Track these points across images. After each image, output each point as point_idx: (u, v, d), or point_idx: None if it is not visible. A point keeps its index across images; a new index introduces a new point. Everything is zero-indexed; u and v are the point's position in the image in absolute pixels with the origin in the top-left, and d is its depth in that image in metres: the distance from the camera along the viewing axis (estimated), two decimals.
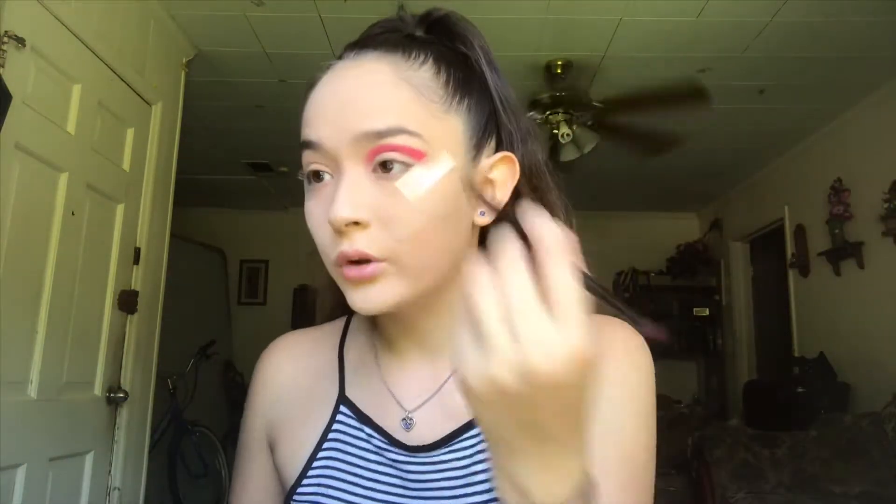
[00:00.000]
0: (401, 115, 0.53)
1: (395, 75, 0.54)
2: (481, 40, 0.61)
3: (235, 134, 4.23)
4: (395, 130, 0.52)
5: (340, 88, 0.55)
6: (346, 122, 0.53)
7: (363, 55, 0.57)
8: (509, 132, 0.60)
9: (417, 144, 0.52)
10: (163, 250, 2.78)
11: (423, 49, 0.57)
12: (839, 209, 3.79)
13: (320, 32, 2.89)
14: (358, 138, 0.52)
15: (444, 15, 0.61)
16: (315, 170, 0.55)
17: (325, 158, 0.54)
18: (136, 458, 2.55)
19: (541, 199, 0.61)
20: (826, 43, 2.98)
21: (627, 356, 0.60)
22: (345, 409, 0.64)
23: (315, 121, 0.55)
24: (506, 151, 0.59)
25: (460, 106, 0.56)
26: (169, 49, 2.83)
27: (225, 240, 5.79)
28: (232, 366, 5.41)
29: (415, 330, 0.62)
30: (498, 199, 0.58)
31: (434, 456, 0.58)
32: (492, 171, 0.58)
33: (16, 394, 1.89)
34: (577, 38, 3.01)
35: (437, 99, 0.55)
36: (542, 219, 0.40)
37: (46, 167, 2.00)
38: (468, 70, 0.59)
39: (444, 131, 0.55)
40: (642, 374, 0.60)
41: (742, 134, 4.13)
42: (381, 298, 0.54)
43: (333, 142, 0.53)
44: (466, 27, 0.61)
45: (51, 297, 2.02)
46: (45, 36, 1.96)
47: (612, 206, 5.70)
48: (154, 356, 2.71)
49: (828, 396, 3.64)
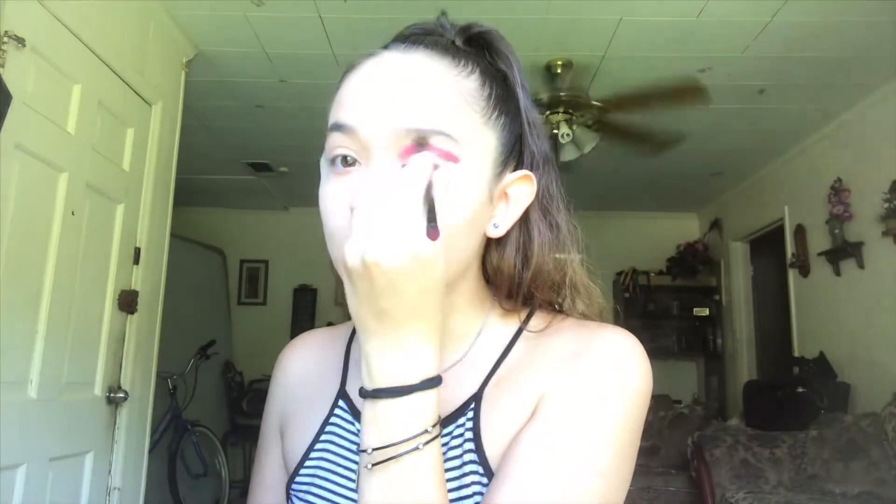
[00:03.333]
0: (445, 117, 0.53)
1: (446, 79, 0.55)
2: (518, 62, 0.62)
3: (235, 134, 4.22)
4: (437, 132, 0.52)
5: (387, 78, 0.55)
6: (388, 112, 0.53)
7: (413, 50, 0.57)
8: (532, 153, 0.61)
9: (454, 149, 0.53)
10: (163, 250, 2.78)
11: (471, 60, 0.58)
12: (839, 209, 3.79)
13: (320, 32, 2.89)
14: (398, 131, 0.52)
15: (487, 31, 0.62)
16: (343, 154, 0.54)
17: (356, 144, 0.54)
18: (136, 458, 2.55)
19: (549, 221, 0.63)
20: (826, 43, 2.98)
21: (602, 358, 0.56)
22: (342, 403, 0.65)
23: (353, 105, 0.54)
24: (526, 171, 0.60)
25: (497, 121, 0.57)
26: (169, 49, 2.83)
27: (225, 240, 5.79)
28: (232, 366, 5.41)
29: None
30: (511, 214, 0.60)
31: None
32: (511, 187, 0.59)
33: (16, 394, 1.89)
34: (577, 38, 3.01)
35: (478, 110, 0.56)
36: (420, 157, 0.50)
37: (46, 167, 2.00)
38: (507, 89, 0.60)
39: (480, 142, 0.56)
40: (624, 383, 0.55)
41: (742, 134, 4.13)
42: None
43: (371, 129, 0.53)
44: (508, 47, 0.62)
45: (51, 297, 2.02)
46: (45, 36, 1.96)
47: (612, 206, 5.71)
48: (154, 356, 2.71)
49: (828, 396, 3.64)
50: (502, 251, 0.61)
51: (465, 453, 0.56)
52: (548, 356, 0.58)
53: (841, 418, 3.29)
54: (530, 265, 0.61)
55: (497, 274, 0.62)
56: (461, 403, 0.58)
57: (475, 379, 0.60)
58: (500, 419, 0.56)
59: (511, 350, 0.61)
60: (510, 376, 0.59)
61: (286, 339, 3.70)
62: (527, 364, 0.59)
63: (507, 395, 0.57)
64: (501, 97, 0.58)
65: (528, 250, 0.61)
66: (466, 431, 0.56)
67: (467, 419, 0.57)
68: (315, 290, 5.94)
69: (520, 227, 0.61)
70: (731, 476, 3.20)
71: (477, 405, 0.58)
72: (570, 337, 0.59)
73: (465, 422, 0.57)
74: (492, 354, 0.61)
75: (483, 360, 0.61)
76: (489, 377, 0.60)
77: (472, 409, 0.57)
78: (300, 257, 5.62)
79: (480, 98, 0.56)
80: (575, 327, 0.61)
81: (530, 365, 0.58)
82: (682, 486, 3.60)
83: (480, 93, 0.56)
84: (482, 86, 0.57)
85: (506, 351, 0.61)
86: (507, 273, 0.61)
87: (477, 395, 0.58)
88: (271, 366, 0.77)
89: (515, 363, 0.60)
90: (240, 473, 5.24)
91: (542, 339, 0.61)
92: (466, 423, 0.57)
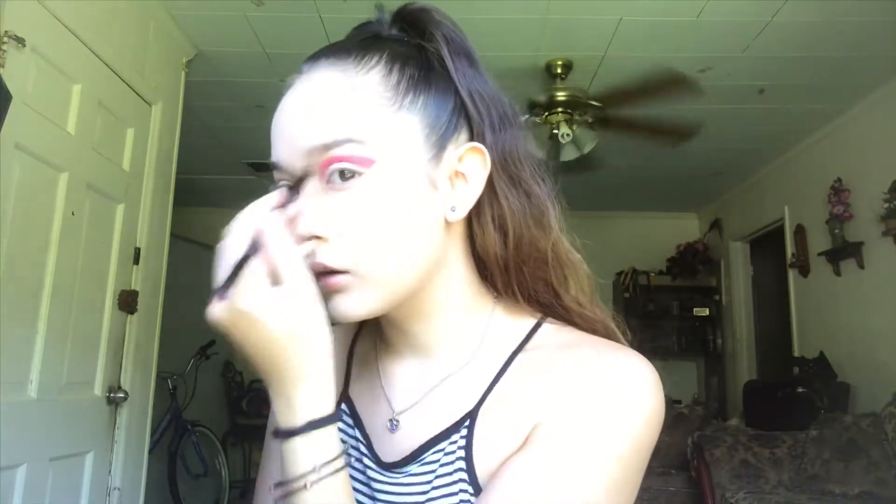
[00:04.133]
0: (345, 124, 0.53)
1: (342, 83, 0.54)
2: (449, 30, 0.59)
3: (235, 134, 4.22)
4: (341, 141, 0.52)
5: (290, 105, 0.56)
6: (296, 138, 0.54)
7: (315, 66, 0.56)
8: (478, 123, 0.58)
9: (365, 152, 0.52)
10: (163, 250, 2.78)
11: (377, 50, 0.56)
12: (839, 209, 3.79)
13: (320, 32, 2.89)
14: (309, 153, 0.53)
15: (414, 9, 0.60)
16: (284, 186, 0.56)
17: (287, 176, 0.55)
18: (136, 458, 2.55)
19: (520, 190, 0.59)
20: (826, 43, 2.98)
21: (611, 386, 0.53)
22: (344, 407, 0.65)
23: (275, 141, 0.56)
24: (473, 142, 0.58)
25: (413, 104, 0.55)
26: (169, 49, 2.83)
27: None
28: (232, 366, 5.41)
29: (406, 331, 0.62)
30: (469, 192, 0.57)
31: (403, 471, 0.58)
32: (460, 164, 0.57)
33: (16, 394, 1.89)
34: (577, 38, 3.01)
35: (385, 102, 0.54)
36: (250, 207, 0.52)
37: (46, 167, 2.00)
38: (426, 65, 0.57)
39: (395, 134, 0.54)
40: (628, 419, 0.52)
41: (742, 134, 4.13)
42: (350, 309, 0.54)
43: (290, 160, 0.54)
44: (432, 18, 0.59)
45: (51, 297, 2.02)
46: (45, 36, 1.96)
47: (612, 206, 5.71)
48: (154, 356, 2.71)
49: (828, 396, 3.64)
50: (482, 230, 0.59)
51: (457, 471, 0.55)
52: (550, 377, 0.55)
53: (841, 418, 3.29)
54: (509, 237, 0.59)
55: (484, 255, 0.60)
56: (457, 419, 0.57)
57: (474, 391, 0.58)
58: (493, 440, 0.55)
59: (512, 363, 0.59)
60: (509, 394, 0.57)
61: None
62: (528, 384, 0.56)
63: (502, 416, 0.56)
64: (417, 77, 0.56)
65: (503, 223, 0.58)
66: (459, 449, 0.56)
67: (461, 437, 0.56)
68: None
69: (490, 201, 0.59)
70: (731, 476, 3.20)
71: (472, 423, 0.56)
72: (579, 359, 0.56)
73: (459, 439, 0.56)
74: (494, 364, 0.59)
75: (485, 369, 0.59)
76: (487, 392, 0.58)
77: (465, 427, 0.56)
78: None
79: (386, 88, 0.54)
80: (587, 347, 0.57)
81: (532, 385, 0.56)
82: (682, 486, 3.60)
83: (385, 83, 0.55)
84: (387, 74, 0.55)
85: (508, 362, 0.59)
86: (492, 252, 0.59)
87: (472, 413, 0.57)
88: None
89: (516, 380, 0.57)
90: (240, 473, 5.24)
91: (550, 353, 0.58)
92: (459, 440, 0.56)
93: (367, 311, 0.54)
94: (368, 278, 0.53)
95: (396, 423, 0.61)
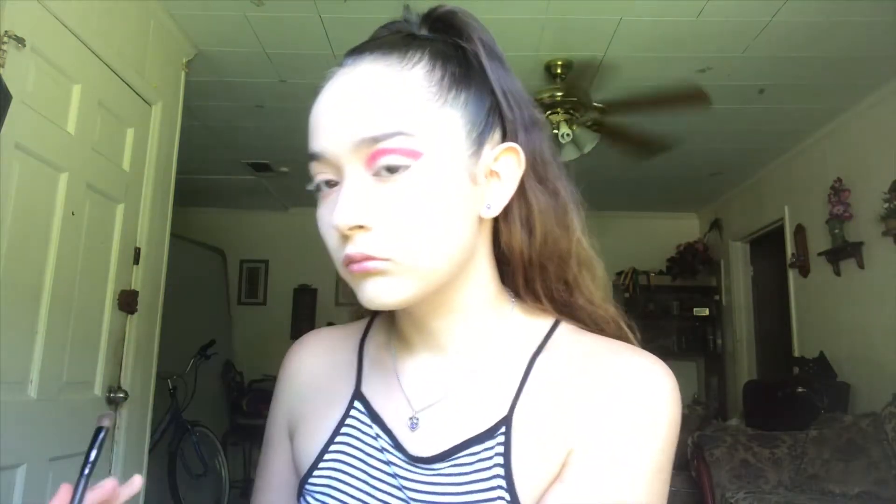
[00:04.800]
0: (395, 117, 0.54)
1: (390, 77, 0.55)
2: (482, 33, 0.61)
3: (235, 134, 4.23)
4: (391, 133, 0.53)
5: (337, 97, 0.56)
6: (343, 130, 0.54)
7: (360, 60, 0.57)
8: (511, 122, 0.60)
9: (414, 144, 0.53)
10: (163, 250, 2.78)
11: (419, 47, 0.58)
12: (839, 209, 3.79)
13: (320, 32, 2.89)
14: (357, 145, 0.53)
15: (446, 11, 0.62)
16: (323, 179, 0.57)
17: (329, 167, 0.56)
18: (136, 458, 2.55)
19: (547, 189, 0.62)
20: (826, 43, 2.98)
21: (643, 400, 0.55)
22: (359, 404, 0.65)
23: (316, 132, 0.56)
24: (509, 142, 0.59)
25: (456, 101, 0.57)
26: (169, 49, 2.83)
27: (225, 240, 5.79)
28: (232, 366, 5.41)
29: (427, 329, 0.62)
30: (503, 190, 0.59)
31: (434, 469, 0.58)
32: (496, 163, 0.59)
33: (16, 394, 1.89)
34: (577, 38, 3.01)
35: (430, 97, 0.55)
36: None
37: (46, 167, 2.00)
38: (466, 64, 0.59)
39: (441, 128, 0.55)
40: (657, 421, 0.55)
41: (742, 134, 4.13)
42: (384, 294, 0.55)
43: (335, 151, 0.55)
44: (466, 21, 0.61)
45: (51, 297, 2.02)
46: (45, 36, 1.96)
47: (612, 206, 5.70)
48: (154, 356, 2.71)
49: (828, 396, 3.64)
50: (508, 228, 0.61)
51: (494, 478, 0.55)
52: (580, 384, 0.57)
53: (841, 418, 3.29)
54: (535, 235, 0.61)
55: (509, 253, 0.62)
56: (491, 424, 0.58)
57: (501, 395, 0.59)
58: (532, 453, 0.56)
59: (536, 362, 0.60)
60: (542, 402, 0.58)
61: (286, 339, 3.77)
62: (558, 390, 0.58)
63: (538, 428, 0.57)
64: (458, 74, 0.58)
65: (531, 221, 0.61)
66: (497, 456, 0.56)
67: (497, 443, 0.57)
68: (315, 290, 5.94)
69: (518, 200, 0.61)
70: (731, 476, 3.20)
71: (507, 430, 0.57)
72: (605, 365, 0.58)
73: (496, 446, 0.56)
74: (517, 367, 0.60)
75: (508, 372, 0.60)
76: (517, 397, 0.59)
77: (502, 434, 0.57)
78: (300, 257, 5.61)
79: (431, 84, 0.56)
80: (608, 351, 0.59)
81: (562, 392, 0.58)
82: (682, 486, 3.60)
83: (430, 78, 0.56)
84: (431, 70, 0.56)
85: (531, 363, 0.60)
86: (518, 249, 0.61)
87: (507, 419, 0.58)
88: (271, 366, 0.77)
89: (544, 385, 0.59)
90: (240, 473, 5.24)
91: (572, 356, 0.60)
92: (497, 447, 0.56)
93: (401, 298, 0.55)
94: (407, 267, 0.54)
95: (417, 421, 0.61)
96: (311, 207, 0.58)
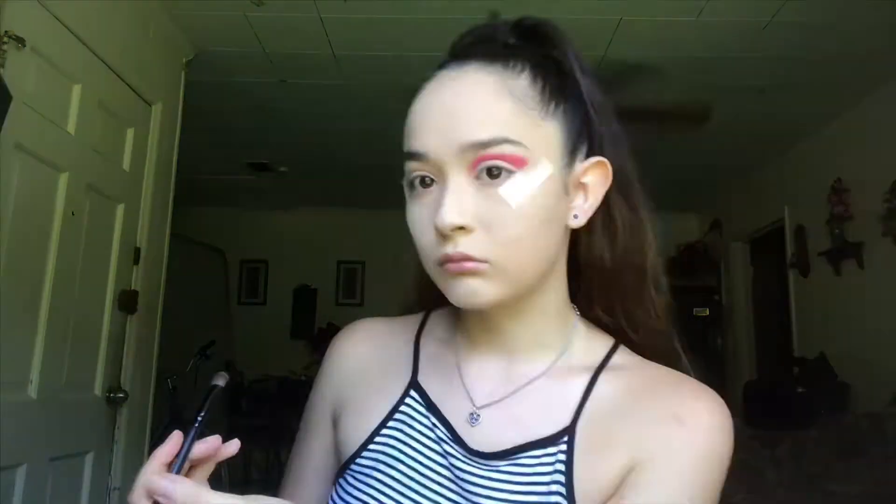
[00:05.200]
0: (503, 125, 0.55)
1: (497, 85, 0.56)
2: (573, 47, 0.63)
3: (235, 134, 4.23)
4: (499, 140, 0.54)
5: (445, 99, 0.57)
6: (451, 132, 0.55)
7: (466, 66, 0.58)
8: (601, 136, 0.62)
9: (519, 152, 0.55)
10: (163, 250, 2.78)
11: (521, 58, 0.59)
12: (839, 209, 3.79)
13: (320, 32, 2.89)
14: (463, 148, 0.55)
15: (538, 23, 0.63)
16: (420, 176, 0.57)
17: (429, 167, 0.57)
18: (136, 458, 2.55)
19: (629, 205, 0.63)
20: (826, 43, 2.98)
21: (707, 430, 0.57)
22: (414, 393, 0.65)
23: (420, 131, 0.57)
24: (599, 156, 0.60)
25: (556, 112, 0.58)
26: (169, 49, 2.83)
27: (225, 240, 5.79)
28: (232, 366, 5.40)
29: (498, 330, 0.63)
30: (590, 202, 0.60)
31: (492, 465, 0.58)
32: (585, 176, 0.60)
33: (16, 394, 1.89)
34: (577, 38, 2.98)
35: (535, 106, 0.57)
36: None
37: (46, 167, 2.00)
38: (562, 76, 0.61)
39: (543, 138, 0.57)
40: (715, 455, 0.57)
41: (742, 134, 4.13)
42: (482, 294, 0.56)
43: (439, 152, 0.56)
44: (559, 34, 0.63)
45: (51, 297, 2.02)
46: (45, 36, 1.96)
47: None
48: (154, 356, 2.71)
49: (828, 396, 3.64)
50: (590, 239, 0.63)
51: (554, 483, 0.56)
52: (644, 408, 0.58)
53: (841, 418, 3.29)
54: (616, 247, 0.62)
55: (588, 265, 0.63)
56: (553, 432, 0.59)
57: (564, 404, 0.60)
58: (596, 469, 0.56)
59: (600, 379, 0.61)
60: (607, 420, 0.59)
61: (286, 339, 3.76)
62: (623, 410, 0.59)
63: (603, 444, 0.57)
64: (557, 86, 0.59)
65: (613, 234, 0.62)
66: (558, 463, 0.57)
67: (560, 451, 0.57)
68: (315, 290, 5.93)
69: (602, 213, 0.62)
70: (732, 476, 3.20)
71: (570, 440, 0.58)
72: (669, 394, 0.59)
73: (558, 453, 0.57)
74: (580, 380, 0.61)
75: (569, 382, 0.61)
76: (580, 409, 0.59)
77: (564, 443, 0.58)
78: (300, 257, 5.62)
79: (535, 94, 0.57)
80: (671, 381, 0.61)
81: (627, 413, 0.58)
82: None
83: (533, 88, 0.57)
84: (534, 81, 0.58)
85: (594, 378, 0.61)
86: (597, 259, 0.62)
87: (570, 430, 0.58)
88: (271, 366, 0.76)
89: (610, 402, 0.59)
90: (240, 473, 5.24)
91: (634, 378, 0.61)
92: (559, 454, 0.57)
93: (494, 299, 0.56)
94: (506, 270, 0.55)
95: (478, 417, 0.62)
96: (312, 207, 0.59)
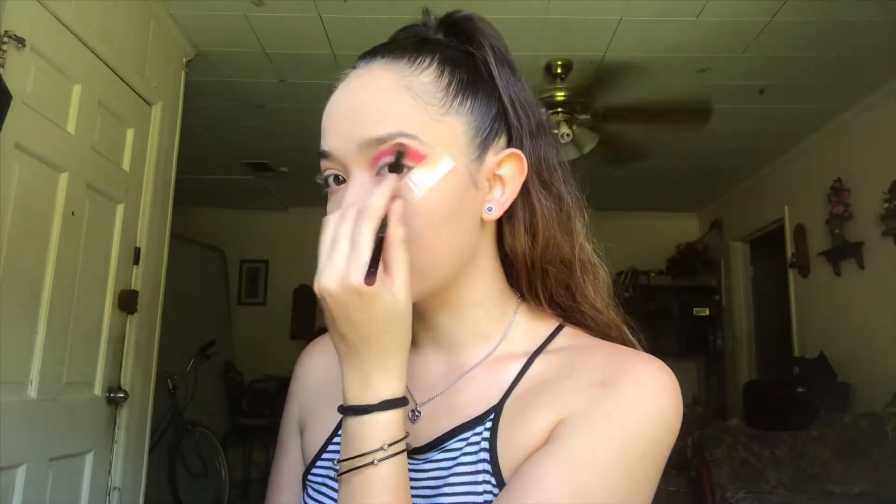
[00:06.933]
0: (399, 120, 0.55)
1: (397, 82, 0.57)
2: (495, 39, 0.63)
3: (235, 134, 4.22)
4: (394, 135, 0.55)
5: (346, 99, 0.58)
6: (350, 130, 0.56)
7: (371, 64, 0.60)
8: (517, 129, 0.62)
9: (418, 147, 0.55)
10: (163, 250, 2.78)
11: (429, 53, 0.60)
12: (839, 209, 3.79)
13: (320, 32, 2.89)
14: (362, 145, 0.56)
15: (462, 17, 0.64)
16: (332, 174, 0.59)
17: (337, 165, 0.58)
18: (136, 458, 2.55)
19: (551, 194, 0.63)
20: (826, 43, 2.98)
21: (634, 388, 0.55)
22: None
23: (326, 131, 0.59)
24: (513, 148, 0.61)
25: (461, 107, 0.58)
26: (169, 49, 2.83)
27: (225, 240, 5.79)
28: (232, 366, 5.41)
29: (434, 327, 0.64)
30: (507, 195, 0.60)
31: (425, 458, 0.59)
32: (499, 168, 0.60)
33: (16, 394, 1.89)
34: (577, 38, 3.01)
35: (435, 102, 0.57)
36: (378, 189, 0.51)
37: (46, 167, 2.00)
38: (475, 71, 0.61)
39: (444, 133, 0.57)
40: (645, 419, 0.54)
41: (742, 134, 4.13)
42: None
43: (341, 150, 0.57)
44: (480, 27, 0.63)
45: (51, 297, 2.02)
46: (45, 36, 1.96)
47: (612, 206, 5.70)
48: (154, 356, 2.71)
49: (828, 396, 3.64)
50: (511, 231, 0.62)
51: (480, 462, 0.56)
52: (575, 376, 0.57)
53: (841, 418, 3.29)
54: (538, 239, 0.62)
55: (512, 255, 0.63)
56: (482, 412, 0.59)
57: (497, 387, 0.60)
58: (517, 435, 0.56)
59: (535, 361, 0.61)
60: (533, 392, 0.58)
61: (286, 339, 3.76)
62: (552, 382, 0.58)
63: (527, 412, 0.57)
64: (466, 81, 0.59)
65: (534, 225, 0.62)
66: (483, 441, 0.57)
67: (485, 429, 0.58)
68: None
69: (522, 204, 0.62)
70: (731, 476, 3.20)
71: (496, 416, 0.58)
72: (602, 362, 0.58)
73: (483, 431, 0.58)
74: (516, 364, 0.61)
75: (507, 367, 0.61)
76: (511, 389, 0.60)
77: (490, 420, 0.58)
78: (300, 257, 5.59)
79: (437, 90, 0.58)
80: (608, 353, 0.59)
81: (555, 383, 0.58)
82: (682, 486, 3.60)
83: (437, 84, 0.58)
84: (439, 76, 0.58)
85: (529, 361, 0.61)
86: (521, 251, 0.62)
87: (497, 407, 0.59)
88: (271, 366, 0.77)
89: (540, 378, 0.59)
90: (239, 473, 5.24)
91: (571, 355, 0.60)
92: (484, 432, 0.58)
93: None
94: (412, 266, 0.55)
95: (418, 414, 0.63)
96: (312, 207, 0.59)
